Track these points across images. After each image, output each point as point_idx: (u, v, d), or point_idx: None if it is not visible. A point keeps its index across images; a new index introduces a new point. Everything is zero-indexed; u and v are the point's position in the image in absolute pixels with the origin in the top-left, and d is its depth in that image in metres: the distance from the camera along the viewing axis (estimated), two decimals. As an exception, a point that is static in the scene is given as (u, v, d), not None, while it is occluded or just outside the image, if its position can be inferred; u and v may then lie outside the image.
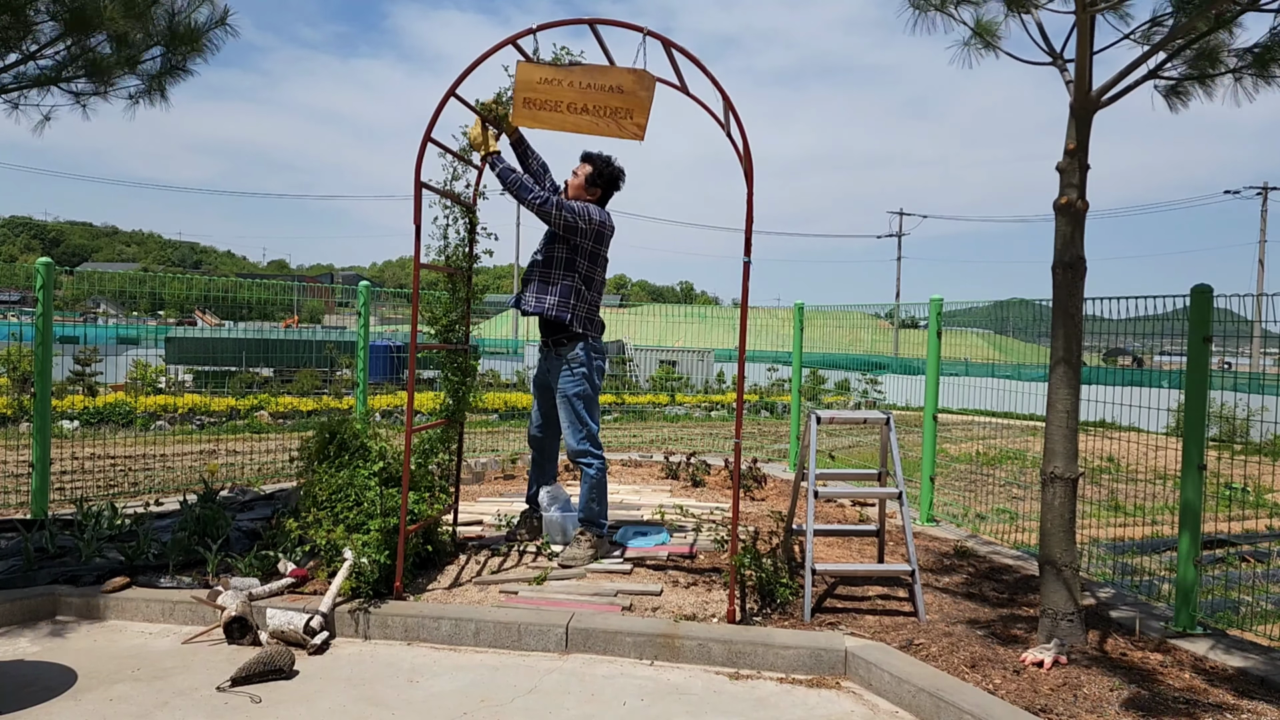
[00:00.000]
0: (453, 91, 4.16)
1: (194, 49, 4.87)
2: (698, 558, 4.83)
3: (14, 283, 51.02)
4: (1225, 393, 8.87)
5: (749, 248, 3.97)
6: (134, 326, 15.39)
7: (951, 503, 7.10)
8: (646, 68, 4.01)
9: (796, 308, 8.46)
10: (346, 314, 30.94)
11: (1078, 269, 3.72)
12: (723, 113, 4.08)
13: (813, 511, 4.27)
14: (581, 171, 4.84)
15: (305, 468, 4.73)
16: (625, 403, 15.90)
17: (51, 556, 4.55)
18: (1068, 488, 3.72)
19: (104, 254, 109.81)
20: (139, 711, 3.17)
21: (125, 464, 7.90)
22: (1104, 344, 7.02)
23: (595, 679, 3.58)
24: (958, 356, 16.53)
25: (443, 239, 4.88)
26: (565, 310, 4.67)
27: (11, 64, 4.56)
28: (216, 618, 3.96)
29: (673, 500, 6.41)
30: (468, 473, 7.12)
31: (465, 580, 4.43)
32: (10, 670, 3.51)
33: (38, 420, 5.52)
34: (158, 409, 11.20)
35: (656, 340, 20.91)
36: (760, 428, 13.85)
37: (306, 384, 13.30)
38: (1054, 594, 3.69)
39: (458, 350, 4.95)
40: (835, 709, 3.36)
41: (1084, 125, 3.72)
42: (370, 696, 3.36)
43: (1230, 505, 7.80)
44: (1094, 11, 3.57)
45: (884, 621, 4.06)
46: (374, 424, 5.26)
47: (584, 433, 4.74)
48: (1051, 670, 3.44)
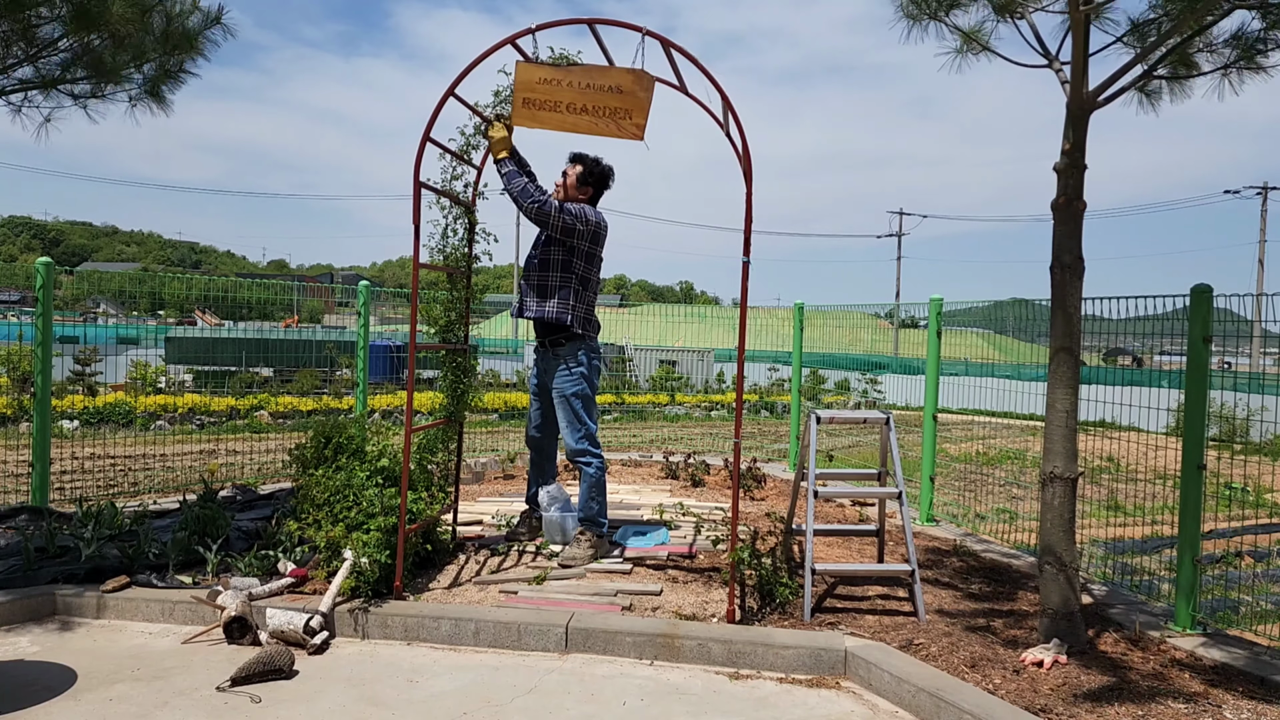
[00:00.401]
0: (451, 91, 4.16)
1: (192, 50, 4.87)
2: (697, 557, 4.84)
3: (14, 283, 51.02)
4: (1225, 393, 8.87)
5: (748, 248, 3.97)
6: (134, 326, 15.40)
7: (951, 502, 7.10)
8: (645, 68, 4.02)
9: (796, 308, 8.46)
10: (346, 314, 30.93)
11: (1076, 269, 3.73)
12: (722, 113, 4.09)
13: (813, 511, 4.28)
14: (572, 172, 4.85)
15: (299, 471, 4.73)
16: (625, 403, 15.90)
17: (51, 556, 4.55)
18: (1067, 487, 3.72)
19: (104, 254, 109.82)
20: (139, 711, 3.18)
21: (125, 464, 7.90)
22: (1104, 344, 7.02)
23: (595, 679, 3.58)
24: (957, 356, 16.54)
25: (442, 239, 4.88)
26: (565, 312, 4.68)
27: (12, 65, 4.56)
28: (216, 618, 3.96)
29: (672, 500, 6.42)
30: (467, 473, 7.12)
31: (465, 580, 4.44)
32: (10, 670, 3.51)
33: (38, 420, 5.52)
34: (158, 409, 11.20)
35: (656, 340, 20.91)
36: (760, 428, 13.85)
37: (306, 384, 13.30)
38: (1054, 593, 3.69)
39: (457, 350, 4.96)
40: (835, 709, 3.36)
41: (1080, 126, 3.72)
42: (370, 696, 3.36)
43: (1230, 505, 7.81)
44: (1087, 11, 3.57)
45: (884, 621, 4.06)
46: (373, 424, 5.26)
47: (582, 432, 4.74)
48: (1051, 670, 3.45)
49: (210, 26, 4.94)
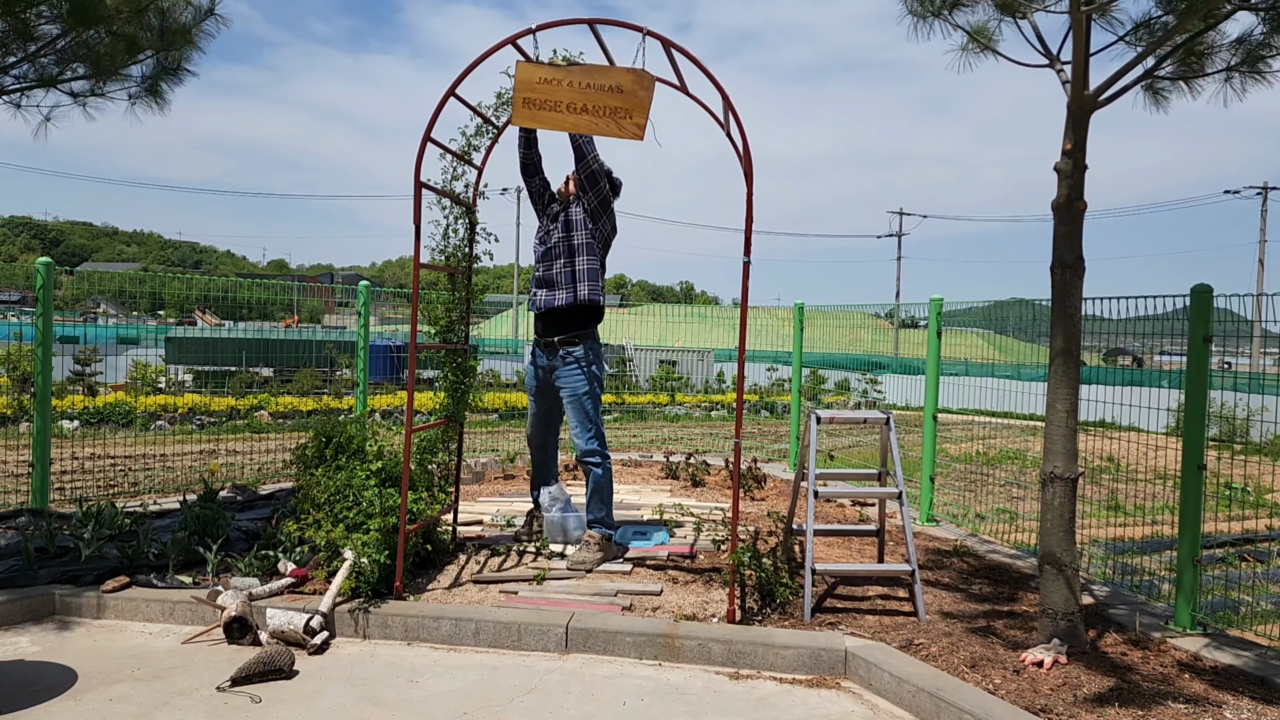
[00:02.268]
0: (452, 91, 4.17)
1: (188, 44, 4.87)
2: (698, 558, 4.83)
3: (14, 283, 51.05)
4: (1225, 393, 8.87)
5: (749, 248, 3.97)
6: (134, 326, 15.39)
7: (951, 502, 7.10)
8: (646, 68, 4.02)
9: (796, 308, 8.46)
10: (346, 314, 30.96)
11: (1076, 269, 3.72)
12: (722, 113, 4.09)
13: (813, 511, 4.27)
14: (575, 178, 4.87)
15: (300, 471, 4.73)
16: (625, 402, 15.91)
17: (51, 556, 4.55)
18: (1067, 487, 3.72)
19: (104, 254, 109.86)
20: (139, 711, 3.18)
21: (125, 464, 7.90)
22: (1104, 344, 7.03)
23: (595, 679, 3.58)
24: (958, 356, 16.55)
25: (443, 239, 4.88)
26: (597, 293, 4.74)
27: (11, 64, 4.56)
28: (216, 618, 3.96)
29: (673, 500, 6.42)
30: (468, 473, 7.12)
31: (465, 580, 4.43)
32: (10, 670, 3.51)
33: (38, 420, 5.52)
34: (158, 409, 11.21)
35: (656, 340, 20.93)
36: (760, 428, 13.85)
37: (306, 384, 13.31)
38: (1054, 594, 3.69)
39: (457, 350, 4.96)
40: (835, 709, 3.36)
41: (1081, 125, 3.72)
42: (370, 696, 3.36)
43: (1230, 505, 7.80)
44: (1088, 11, 3.57)
45: (884, 621, 4.06)
46: (372, 424, 5.26)
47: (593, 431, 4.73)
48: (1051, 670, 3.45)
49: (204, 19, 4.94)
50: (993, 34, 4.29)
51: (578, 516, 5.03)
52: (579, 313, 4.75)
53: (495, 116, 4.78)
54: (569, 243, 4.74)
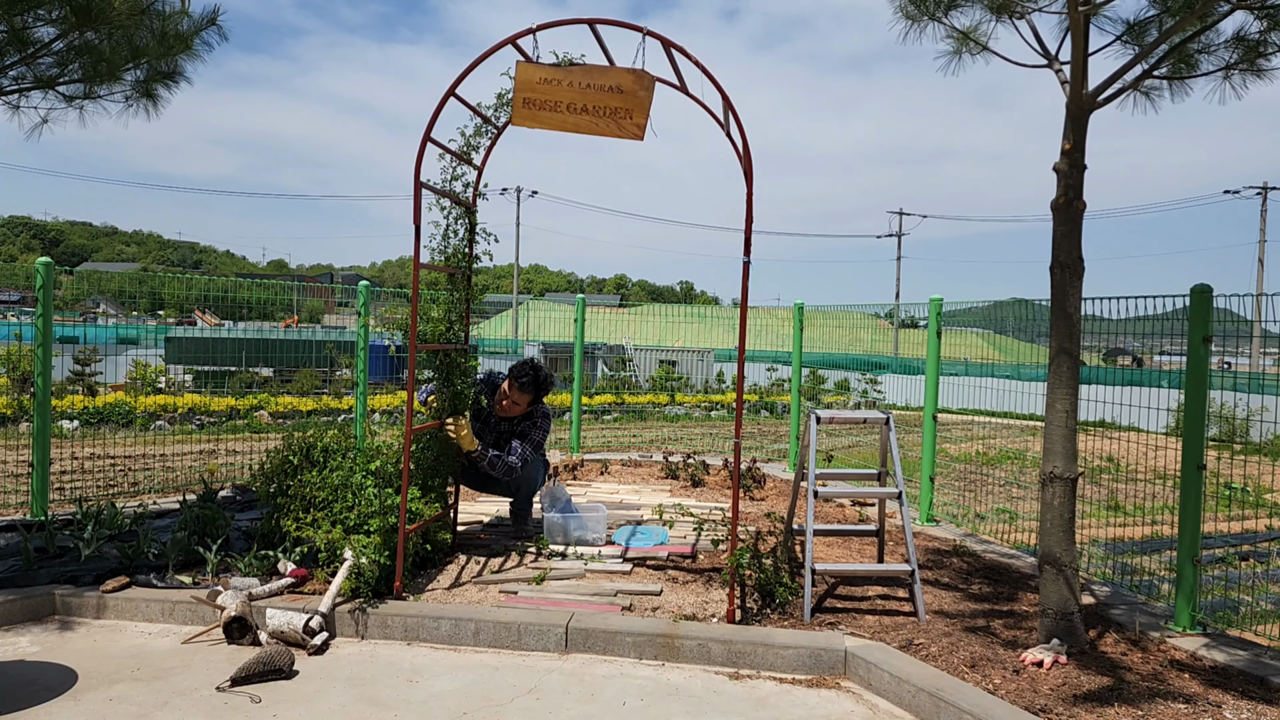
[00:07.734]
0: (452, 91, 4.16)
1: (186, 50, 4.88)
2: (697, 558, 4.84)
3: (14, 283, 51.03)
4: (1225, 393, 8.88)
5: (749, 248, 3.97)
6: (134, 326, 15.39)
7: (951, 502, 7.10)
8: (646, 68, 4.02)
9: (796, 308, 8.46)
10: (346, 314, 30.95)
11: (1075, 269, 3.73)
12: (722, 113, 4.09)
13: (812, 511, 4.28)
14: (518, 398, 5.23)
15: (263, 485, 4.78)
16: (625, 403, 15.90)
17: (51, 556, 4.55)
18: (1067, 487, 3.72)
19: (104, 254, 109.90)
20: (139, 711, 3.18)
21: (125, 464, 7.90)
22: (1104, 344, 7.03)
23: (595, 679, 3.58)
24: (957, 356, 16.55)
25: (443, 240, 4.88)
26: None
27: (10, 65, 4.56)
28: (216, 618, 3.96)
29: (672, 500, 6.42)
30: (467, 473, 7.11)
31: (465, 580, 4.43)
32: (10, 670, 3.51)
33: (38, 420, 5.52)
34: (157, 409, 11.21)
35: (656, 340, 20.93)
36: (760, 428, 13.85)
37: (306, 384, 13.31)
38: (1053, 594, 3.69)
39: (457, 350, 4.95)
40: (835, 709, 3.36)
41: (1080, 125, 3.72)
42: (370, 696, 3.36)
43: (1230, 505, 7.81)
44: (1086, 11, 3.57)
45: (884, 621, 4.06)
46: (369, 424, 5.28)
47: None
48: (1051, 670, 3.45)
49: (204, 28, 4.95)
50: (988, 35, 4.28)
51: (578, 517, 5.03)
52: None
53: (495, 116, 4.78)
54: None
